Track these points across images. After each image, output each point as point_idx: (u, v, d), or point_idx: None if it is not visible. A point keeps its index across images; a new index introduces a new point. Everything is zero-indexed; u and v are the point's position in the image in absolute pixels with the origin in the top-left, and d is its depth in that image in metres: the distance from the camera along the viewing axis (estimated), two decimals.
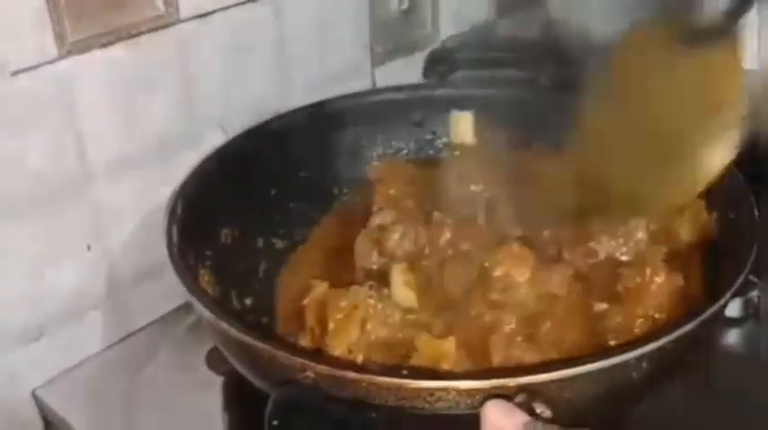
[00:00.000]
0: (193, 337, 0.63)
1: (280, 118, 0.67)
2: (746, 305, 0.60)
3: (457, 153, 0.70)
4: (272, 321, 0.59)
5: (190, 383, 0.60)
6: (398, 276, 0.55)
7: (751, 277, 0.57)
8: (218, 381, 0.59)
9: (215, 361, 0.60)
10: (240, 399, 0.57)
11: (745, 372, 0.58)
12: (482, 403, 0.39)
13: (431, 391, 0.40)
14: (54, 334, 0.60)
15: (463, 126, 0.69)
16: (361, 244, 0.60)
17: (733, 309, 0.59)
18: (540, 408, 0.40)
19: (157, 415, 0.57)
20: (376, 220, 0.62)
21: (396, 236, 0.58)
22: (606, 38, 0.70)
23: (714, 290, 0.47)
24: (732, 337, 0.60)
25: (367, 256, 0.59)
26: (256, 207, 0.64)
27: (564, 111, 0.66)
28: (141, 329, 0.65)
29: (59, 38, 0.54)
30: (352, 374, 0.41)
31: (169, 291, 0.57)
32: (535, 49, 0.75)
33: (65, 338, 0.61)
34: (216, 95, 0.66)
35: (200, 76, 0.64)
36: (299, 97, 0.70)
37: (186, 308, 0.63)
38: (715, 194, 0.55)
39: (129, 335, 0.65)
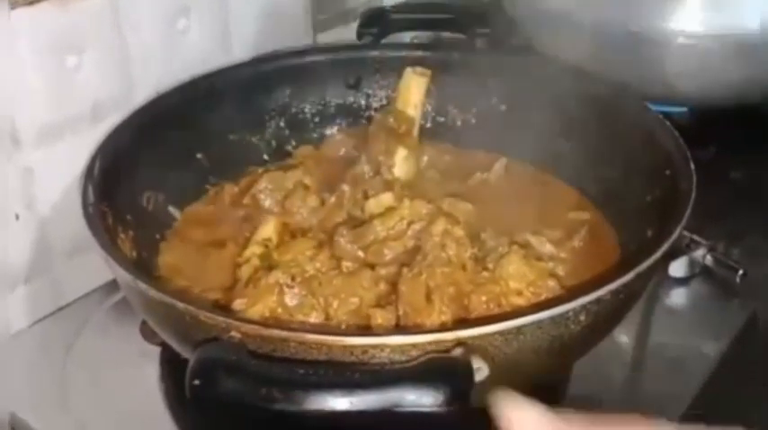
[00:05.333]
0: (128, 308, 0.60)
1: (207, 77, 0.64)
2: (692, 265, 0.60)
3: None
4: None
5: (126, 355, 0.57)
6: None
7: (697, 237, 0.58)
8: (155, 351, 0.56)
9: (149, 331, 0.57)
10: (178, 369, 0.54)
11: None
12: (417, 358, 0.38)
13: (364, 349, 0.39)
14: None
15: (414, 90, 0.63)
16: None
17: (679, 268, 0.59)
18: (477, 364, 0.38)
19: (94, 389, 0.54)
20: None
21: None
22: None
23: (653, 244, 0.46)
24: (678, 297, 0.60)
25: None
26: (181, 171, 0.60)
27: (501, 74, 0.66)
28: (74, 302, 0.61)
29: None
30: (280, 332, 0.39)
31: (103, 262, 0.53)
32: (473, 11, 0.74)
33: None
34: (152, 58, 0.63)
35: (134, 38, 0.61)
36: None
37: None
38: (652, 153, 0.55)
39: (60, 309, 0.61)
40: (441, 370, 0.36)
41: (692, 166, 0.51)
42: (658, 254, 0.43)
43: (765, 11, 0.65)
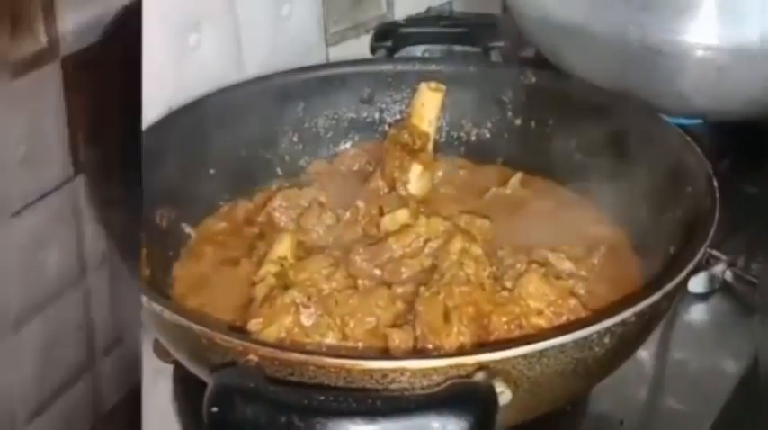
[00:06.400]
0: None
1: (219, 92, 0.63)
2: (711, 280, 0.59)
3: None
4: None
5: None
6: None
7: (716, 252, 0.57)
8: (169, 368, 0.55)
9: (162, 349, 0.56)
10: (191, 388, 0.53)
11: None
12: (438, 382, 0.37)
13: (384, 373, 0.38)
14: None
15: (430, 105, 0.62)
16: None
17: (699, 284, 0.58)
18: (500, 388, 0.38)
19: None
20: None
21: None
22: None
23: (677, 264, 0.45)
24: (698, 313, 0.59)
25: None
26: (194, 187, 0.60)
27: (515, 88, 0.66)
28: None
29: None
30: (299, 356, 0.38)
31: None
32: (487, 24, 0.73)
33: None
34: (163, 73, 0.62)
35: (145, 54, 0.59)
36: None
37: None
38: (673, 169, 0.54)
39: None
40: (464, 396, 0.36)
41: (715, 184, 0.50)
42: (683, 274, 0.42)
43: None
